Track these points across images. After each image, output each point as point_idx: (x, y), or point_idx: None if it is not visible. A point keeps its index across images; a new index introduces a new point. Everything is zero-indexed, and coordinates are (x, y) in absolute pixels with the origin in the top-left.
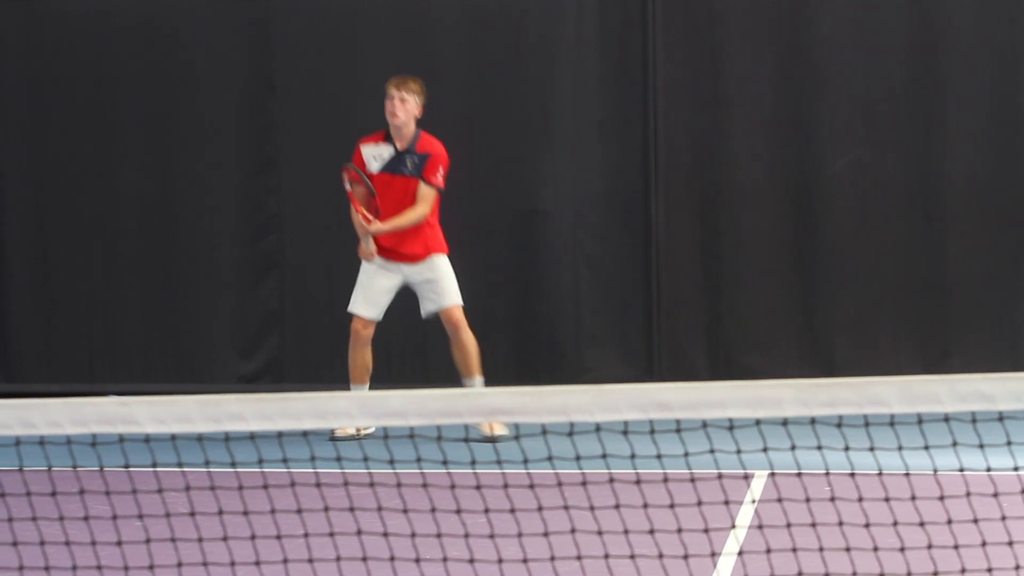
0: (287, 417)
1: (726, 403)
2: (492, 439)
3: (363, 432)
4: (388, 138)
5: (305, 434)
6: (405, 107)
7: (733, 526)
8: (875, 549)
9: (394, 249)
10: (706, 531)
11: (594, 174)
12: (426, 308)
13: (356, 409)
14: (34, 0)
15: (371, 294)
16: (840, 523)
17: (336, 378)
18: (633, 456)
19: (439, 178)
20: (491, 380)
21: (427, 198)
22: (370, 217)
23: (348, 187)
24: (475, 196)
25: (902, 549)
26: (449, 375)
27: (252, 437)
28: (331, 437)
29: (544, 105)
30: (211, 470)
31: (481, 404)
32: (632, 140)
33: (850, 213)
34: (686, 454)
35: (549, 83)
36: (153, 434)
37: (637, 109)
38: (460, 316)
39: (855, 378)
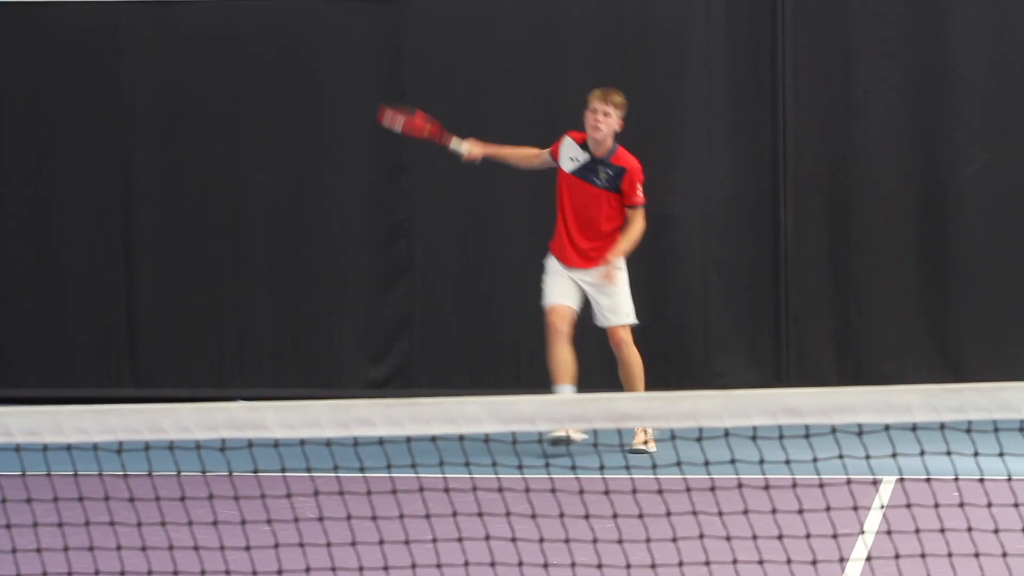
0: (416, 422)
1: (856, 408)
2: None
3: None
4: (586, 145)
5: (434, 439)
6: (608, 121)
7: (862, 531)
8: (1004, 555)
9: (576, 254)
10: (835, 536)
11: (723, 179)
12: (599, 322)
13: (485, 414)
14: (165, 7)
15: (562, 285)
16: (969, 528)
17: (465, 383)
18: (762, 461)
19: (640, 195)
20: (619, 385)
21: (639, 215)
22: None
23: (397, 127)
24: None
25: None
26: (578, 379)
27: (381, 442)
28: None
29: (674, 110)
30: (340, 475)
31: (611, 409)
32: (762, 145)
33: (981, 218)
34: (815, 459)
35: (678, 88)
36: (282, 439)
37: (767, 113)
38: (623, 334)
39: (985, 383)
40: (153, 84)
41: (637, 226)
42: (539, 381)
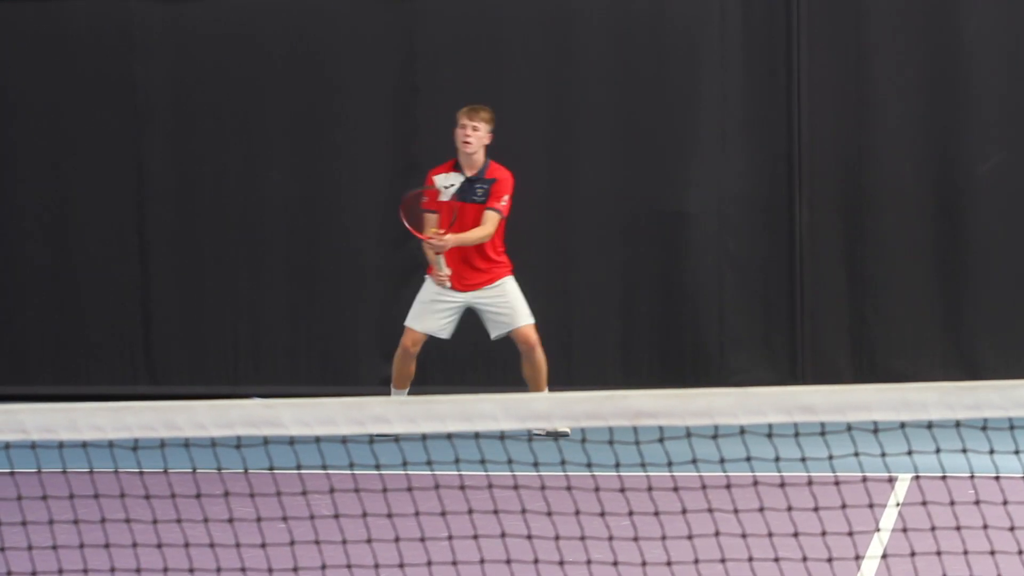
0: (431, 419)
1: (871, 406)
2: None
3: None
4: (457, 167)
5: (449, 436)
6: (477, 135)
7: (877, 529)
8: (1020, 552)
9: (460, 278)
10: (850, 534)
11: (738, 176)
12: (496, 331)
13: (500, 412)
14: (179, 6)
15: (430, 314)
16: (985, 526)
17: (480, 380)
18: (777, 459)
19: (503, 204)
20: (635, 382)
21: (491, 220)
22: (440, 232)
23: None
24: (620, 198)
25: None
26: (594, 377)
27: (397, 439)
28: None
29: (689, 107)
30: (355, 472)
31: (626, 407)
32: (776, 142)
33: (995, 215)
34: (830, 457)
35: (693, 85)
36: (297, 436)
37: (781, 111)
38: (534, 335)
39: (1000, 381)
40: (168, 82)
41: (485, 229)
42: (553, 379)
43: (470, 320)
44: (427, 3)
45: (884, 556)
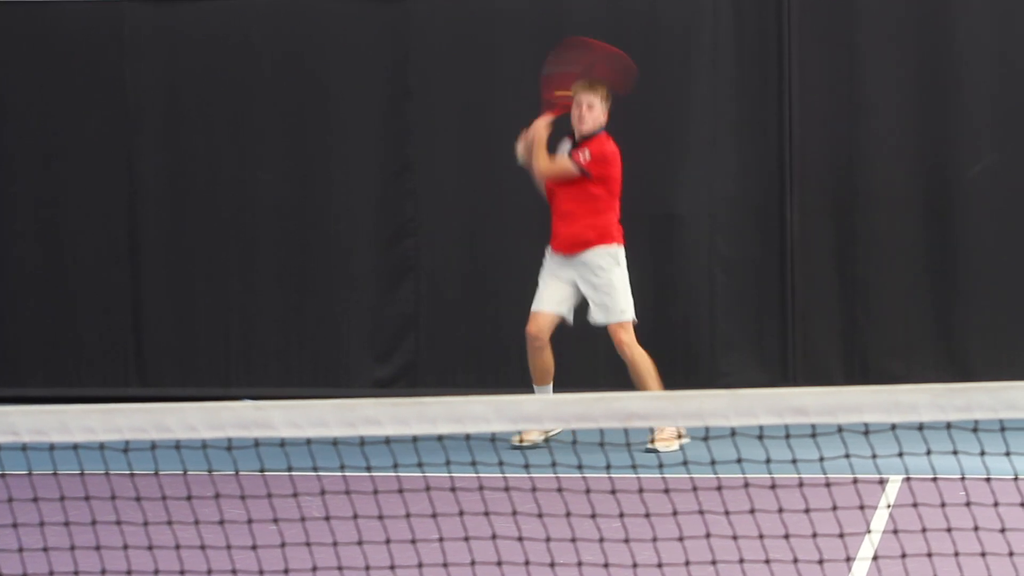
0: (422, 421)
1: (862, 408)
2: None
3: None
4: (573, 139)
5: (440, 438)
6: (592, 114)
7: (868, 531)
8: (1011, 554)
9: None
10: (841, 536)
11: (729, 178)
12: (595, 316)
13: (492, 413)
14: (170, 7)
15: (543, 288)
16: (975, 528)
17: (471, 382)
18: (768, 461)
19: (584, 159)
20: (626, 384)
21: (563, 162)
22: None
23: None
24: None
25: None
26: (585, 379)
27: (387, 441)
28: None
29: (680, 109)
30: (346, 474)
31: (617, 408)
32: (768, 144)
33: (987, 217)
34: (821, 459)
35: (685, 87)
36: (288, 438)
37: (773, 113)
38: (621, 334)
39: (991, 383)
40: (159, 84)
41: (557, 165)
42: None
43: (459, 319)
44: (420, 4)
45: (875, 558)
